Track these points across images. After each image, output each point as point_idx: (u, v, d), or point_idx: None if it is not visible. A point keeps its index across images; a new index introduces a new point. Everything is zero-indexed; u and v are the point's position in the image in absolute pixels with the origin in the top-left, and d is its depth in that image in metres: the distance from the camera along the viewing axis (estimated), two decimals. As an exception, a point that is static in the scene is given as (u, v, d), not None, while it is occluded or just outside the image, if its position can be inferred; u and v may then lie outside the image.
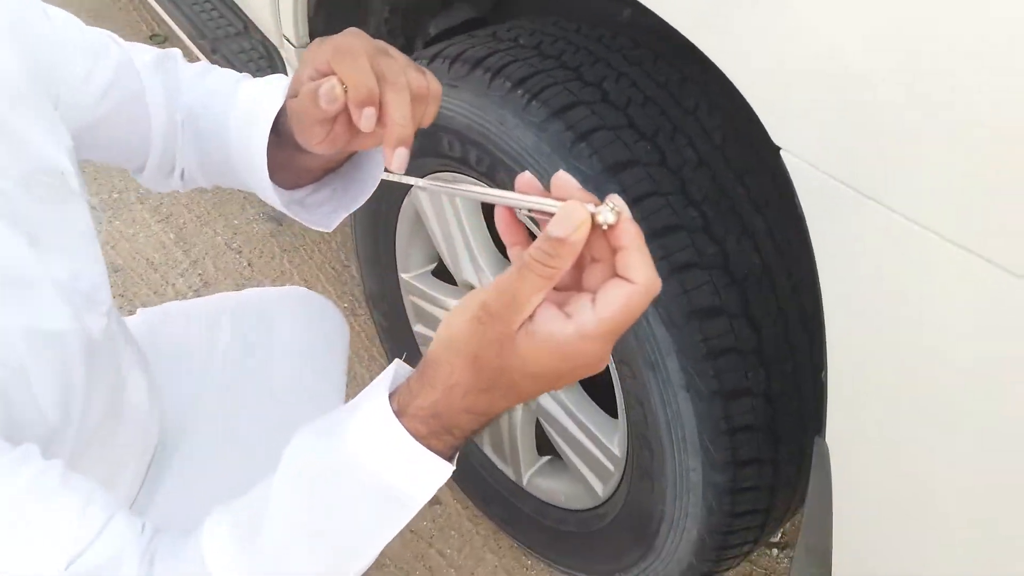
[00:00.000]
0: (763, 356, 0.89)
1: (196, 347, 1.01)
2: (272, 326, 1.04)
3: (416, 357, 1.47)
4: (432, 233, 1.26)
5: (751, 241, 0.90)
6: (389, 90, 0.59)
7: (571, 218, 0.45)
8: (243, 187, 0.86)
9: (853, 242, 0.62)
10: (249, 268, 1.88)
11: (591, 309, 0.46)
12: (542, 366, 0.48)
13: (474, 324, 0.48)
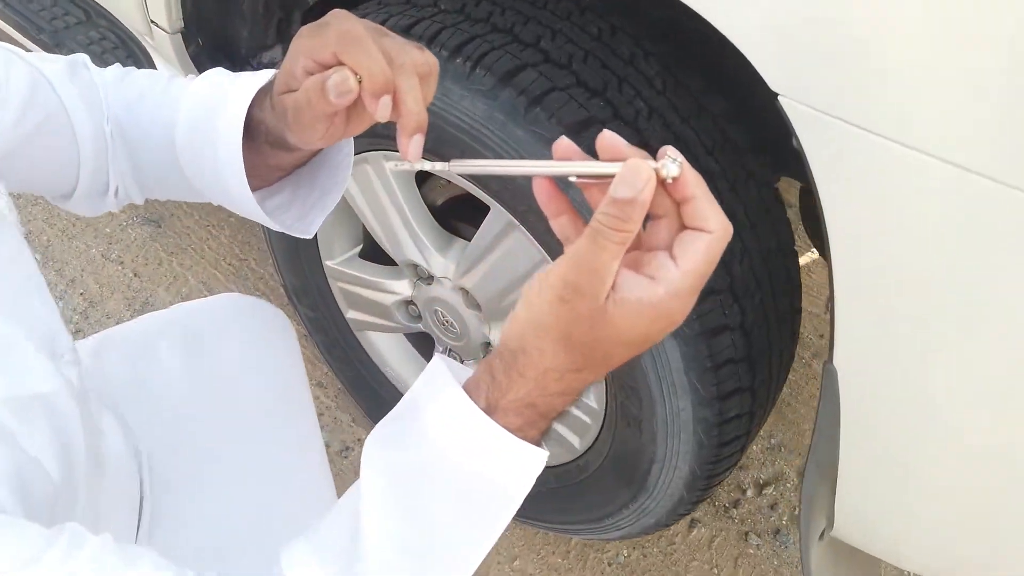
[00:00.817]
0: (735, 293, 0.93)
1: (145, 378, 0.92)
2: (217, 344, 0.97)
3: (348, 346, 1.42)
4: (361, 214, 1.21)
5: (710, 184, 0.93)
6: (400, 75, 0.56)
7: (637, 176, 0.44)
8: (192, 197, 0.78)
9: (854, 173, 0.65)
10: (136, 278, 1.73)
11: (673, 266, 0.46)
12: (636, 332, 0.47)
13: (559, 304, 0.46)
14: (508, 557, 1.42)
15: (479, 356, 1.23)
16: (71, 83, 0.71)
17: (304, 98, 0.58)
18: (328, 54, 0.56)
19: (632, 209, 0.44)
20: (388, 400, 1.44)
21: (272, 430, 0.94)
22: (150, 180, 0.78)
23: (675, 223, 0.47)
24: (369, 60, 0.55)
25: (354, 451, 1.52)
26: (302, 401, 1.00)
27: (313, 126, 0.60)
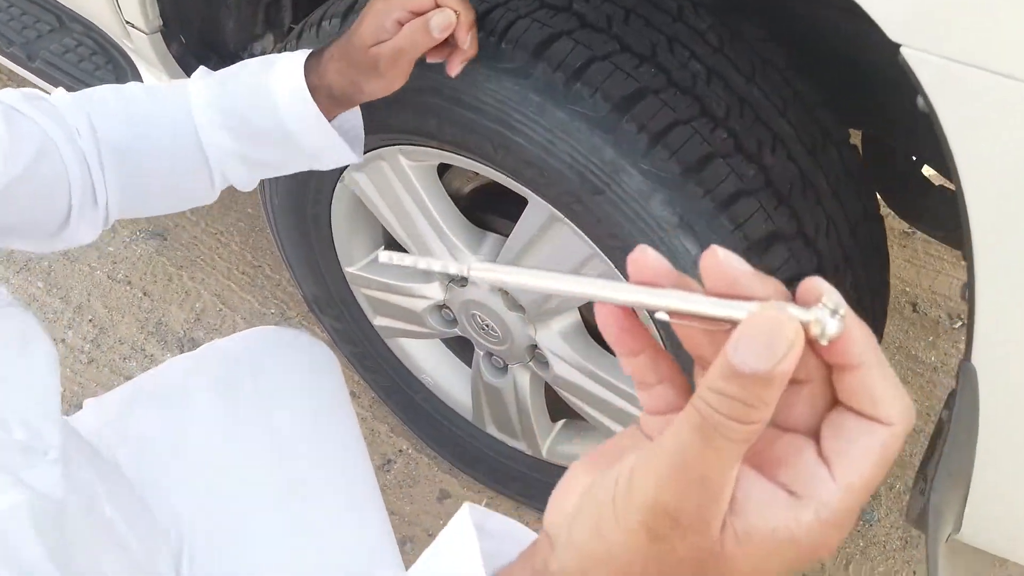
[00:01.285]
0: (824, 275, 0.80)
1: (182, 434, 0.82)
2: (257, 388, 0.86)
3: (379, 355, 1.31)
4: (382, 217, 1.09)
5: (784, 149, 0.79)
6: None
7: (776, 339, 0.27)
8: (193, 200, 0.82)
9: (1004, 137, 0.52)
10: (146, 298, 1.62)
11: (828, 476, 0.30)
12: (764, 573, 0.31)
13: (649, 541, 0.30)
14: (573, 565, 1.32)
15: (524, 359, 1.11)
16: (34, 108, 0.70)
17: (407, 41, 0.70)
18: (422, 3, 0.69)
19: (766, 390, 0.28)
20: (426, 409, 1.33)
21: (325, 483, 0.83)
22: (143, 191, 0.77)
23: (822, 394, 0.31)
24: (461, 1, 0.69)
25: (396, 464, 1.43)
26: (354, 445, 0.89)
27: (406, 67, 0.72)
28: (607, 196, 0.77)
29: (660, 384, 0.34)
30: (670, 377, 0.34)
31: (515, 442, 1.25)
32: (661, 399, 0.34)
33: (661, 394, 0.34)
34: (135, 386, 0.86)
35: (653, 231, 0.77)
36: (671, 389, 0.34)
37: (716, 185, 0.75)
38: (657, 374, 0.34)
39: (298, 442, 0.83)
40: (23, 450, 0.55)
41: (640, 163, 0.75)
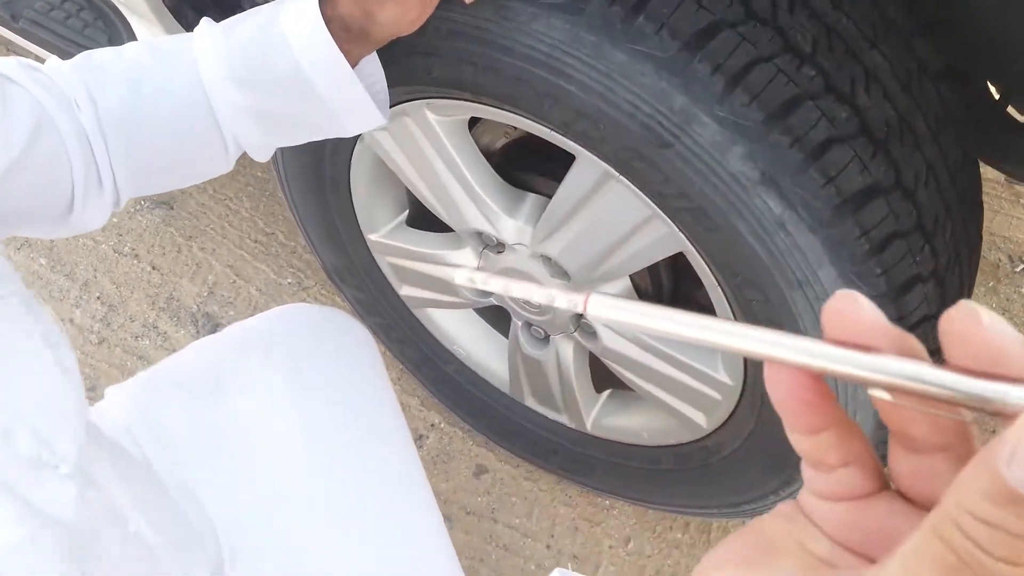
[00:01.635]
0: (925, 230, 0.70)
1: (213, 428, 0.74)
2: (292, 373, 0.78)
3: (407, 326, 1.22)
4: (404, 177, 0.99)
5: (879, 87, 0.68)
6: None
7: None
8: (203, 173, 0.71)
9: None
10: (155, 272, 1.54)
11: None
12: None
13: None
14: (621, 540, 1.25)
15: (568, 330, 1.02)
16: (29, 78, 0.61)
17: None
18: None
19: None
20: (458, 381, 1.25)
21: (372, 478, 0.76)
22: (152, 165, 0.66)
23: None
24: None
25: (428, 439, 1.35)
26: (398, 434, 0.82)
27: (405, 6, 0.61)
28: (676, 150, 0.67)
29: (844, 466, 0.26)
30: (860, 458, 0.26)
31: (557, 415, 1.17)
32: (842, 484, 0.26)
33: (843, 478, 0.26)
34: (158, 374, 0.78)
35: (730, 188, 0.67)
36: (859, 472, 0.26)
37: (805, 133, 0.64)
38: (842, 454, 0.26)
39: (340, 435, 0.75)
40: (31, 466, 0.49)
41: (716, 110, 0.64)
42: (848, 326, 0.23)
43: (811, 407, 0.25)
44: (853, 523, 0.25)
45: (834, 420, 0.25)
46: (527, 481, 1.30)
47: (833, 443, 0.26)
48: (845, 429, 0.26)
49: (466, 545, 1.26)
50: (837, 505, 0.26)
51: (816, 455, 0.26)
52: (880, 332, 0.23)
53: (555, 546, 1.25)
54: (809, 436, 0.26)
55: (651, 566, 1.23)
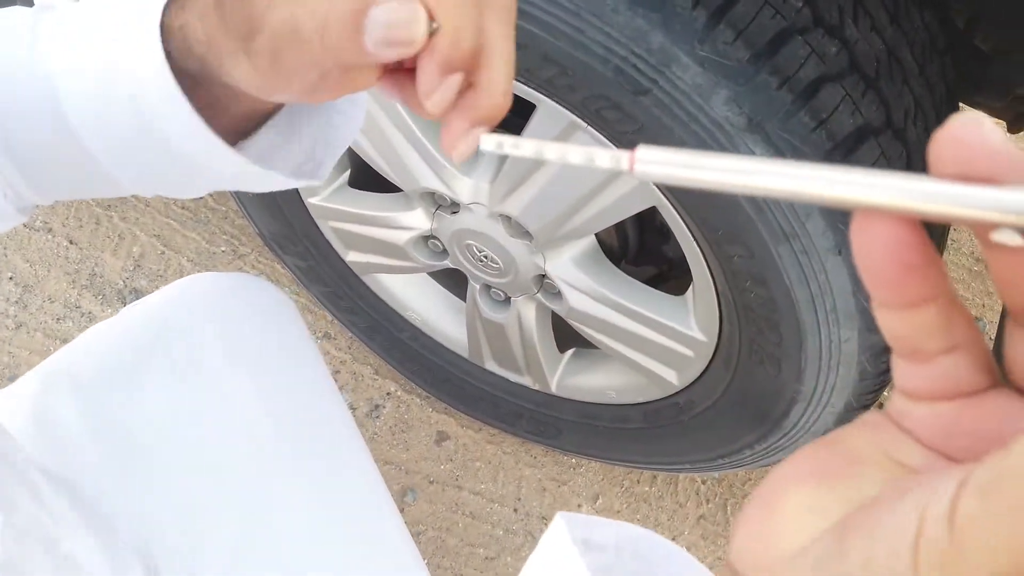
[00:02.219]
0: (914, 170, 0.66)
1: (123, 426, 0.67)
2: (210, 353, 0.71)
3: (355, 293, 1.15)
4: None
5: (868, 17, 0.63)
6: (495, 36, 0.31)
7: None
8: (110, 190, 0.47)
9: None
10: (74, 247, 1.41)
11: None
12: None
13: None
14: (589, 497, 1.22)
15: (531, 291, 0.96)
16: None
17: (312, 26, 0.30)
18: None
19: None
20: (414, 348, 1.19)
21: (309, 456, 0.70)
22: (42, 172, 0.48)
23: None
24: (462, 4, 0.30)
25: (385, 408, 1.29)
26: (333, 403, 0.75)
27: (299, 75, 0.32)
28: (654, 96, 0.61)
29: (947, 354, 0.21)
30: (967, 343, 0.21)
31: (519, 377, 1.12)
32: (944, 377, 0.21)
33: (946, 370, 0.21)
34: (49, 372, 0.69)
35: (713, 136, 0.61)
36: (965, 362, 0.21)
37: (794, 72, 0.59)
38: (947, 337, 0.21)
39: (270, 417, 0.69)
40: None
41: (698, 49, 0.58)
42: (970, 157, 0.18)
43: (916, 272, 0.19)
44: (957, 426, 0.21)
45: (940, 290, 0.20)
46: (490, 445, 1.26)
47: (937, 322, 0.20)
48: (951, 304, 0.20)
49: (431, 515, 1.21)
50: (937, 405, 0.21)
51: (914, 338, 0.20)
52: (1005, 161, 0.18)
53: (523, 509, 1.22)
54: (907, 312, 0.20)
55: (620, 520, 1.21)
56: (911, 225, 0.19)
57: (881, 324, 0.21)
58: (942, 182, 0.18)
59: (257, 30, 0.31)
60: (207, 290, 0.75)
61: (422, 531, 1.20)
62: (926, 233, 0.20)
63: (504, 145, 0.28)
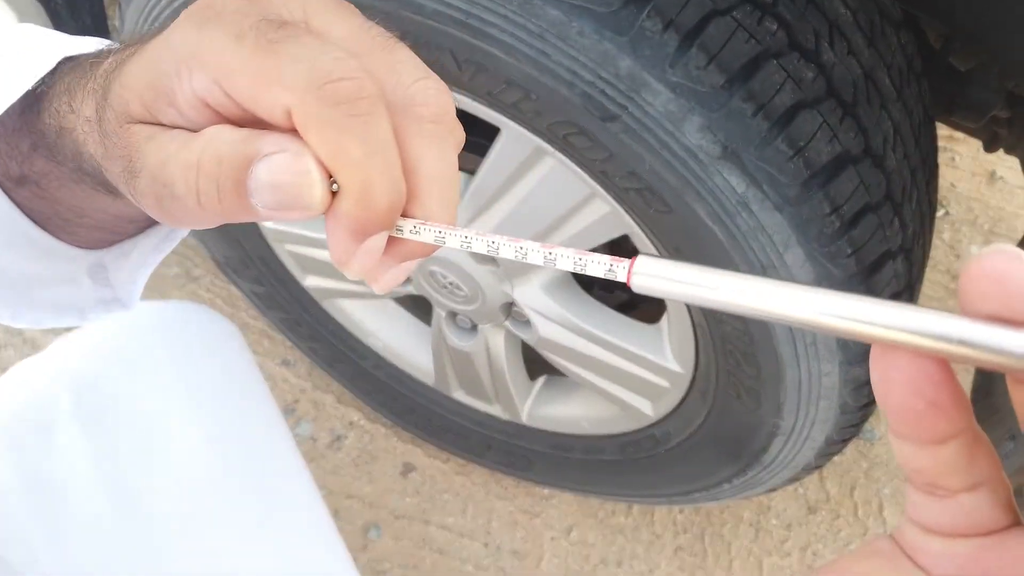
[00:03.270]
0: (894, 201, 0.63)
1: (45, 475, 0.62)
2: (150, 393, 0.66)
3: (315, 320, 1.10)
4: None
5: (844, 41, 0.60)
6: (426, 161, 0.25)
7: None
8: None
9: None
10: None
11: None
12: None
13: None
14: (562, 530, 1.18)
15: (499, 319, 0.92)
16: None
17: (183, 188, 0.25)
18: (278, 110, 0.23)
19: None
20: (378, 377, 1.14)
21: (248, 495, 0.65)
22: None
23: None
24: (368, 155, 0.23)
25: (347, 439, 1.24)
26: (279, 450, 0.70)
27: (189, 222, 0.26)
28: (623, 123, 0.57)
29: (968, 492, 0.20)
30: (989, 480, 0.20)
31: (488, 407, 1.08)
32: (964, 515, 0.20)
33: (966, 507, 0.20)
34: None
35: (686, 165, 0.58)
36: (987, 500, 0.20)
37: (770, 98, 0.56)
38: (970, 475, 0.20)
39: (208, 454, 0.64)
40: None
41: (668, 74, 0.55)
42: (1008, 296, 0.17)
43: (940, 409, 0.18)
44: (976, 566, 0.20)
45: (964, 427, 0.19)
46: (459, 476, 1.21)
47: (960, 458, 0.19)
48: (975, 440, 0.19)
49: (397, 552, 1.16)
50: (955, 543, 0.20)
51: (935, 473, 0.20)
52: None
53: (493, 543, 1.18)
54: (929, 448, 0.19)
55: (595, 554, 1.17)
56: (937, 361, 0.18)
57: (898, 455, 0.20)
58: (974, 322, 0.17)
59: (137, 171, 0.26)
60: (144, 318, 0.70)
61: (387, 569, 1.15)
62: (951, 369, 0.18)
63: (421, 232, 0.24)
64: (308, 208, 0.24)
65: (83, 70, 0.29)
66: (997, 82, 0.84)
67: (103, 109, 0.27)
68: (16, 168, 0.34)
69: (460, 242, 0.24)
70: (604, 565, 1.16)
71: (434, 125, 0.25)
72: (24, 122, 0.32)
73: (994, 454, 0.20)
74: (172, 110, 0.25)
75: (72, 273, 0.40)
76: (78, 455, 0.64)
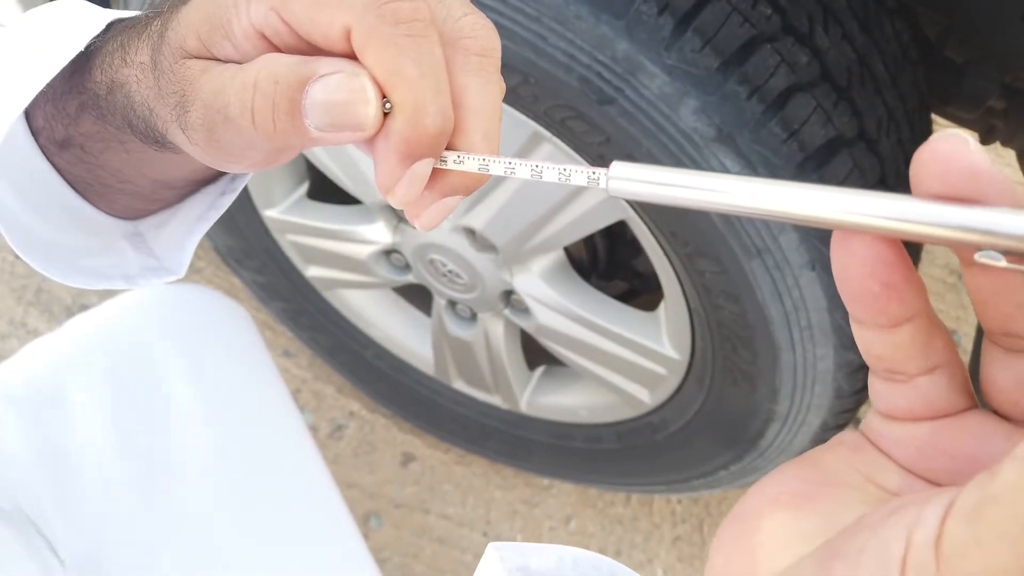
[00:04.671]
0: (888, 184, 0.64)
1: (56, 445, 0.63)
2: (150, 364, 0.68)
3: (316, 310, 1.11)
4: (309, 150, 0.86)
5: (838, 26, 0.61)
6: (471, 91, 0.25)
7: None
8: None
9: None
10: (19, 262, 1.35)
11: None
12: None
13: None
14: (561, 519, 1.19)
15: (498, 307, 0.93)
16: None
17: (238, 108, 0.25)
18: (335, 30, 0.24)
19: None
20: (378, 367, 1.15)
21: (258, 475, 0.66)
22: None
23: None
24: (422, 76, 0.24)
25: (348, 429, 1.25)
26: (287, 420, 0.71)
27: (241, 155, 0.27)
28: (619, 106, 0.58)
29: (926, 375, 0.20)
30: (945, 363, 0.21)
31: (488, 396, 1.08)
32: (923, 398, 0.21)
33: (924, 390, 0.21)
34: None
35: (682, 148, 0.59)
36: (944, 382, 0.20)
37: (764, 81, 0.56)
38: (926, 357, 0.20)
39: (217, 435, 0.65)
40: None
41: (664, 57, 0.55)
42: (953, 176, 0.18)
43: (895, 291, 0.19)
44: (935, 447, 0.21)
45: (919, 310, 0.20)
46: (459, 466, 1.22)
47: (916, 341, 0.20)
48: (931, 324, 0.20)
49: (397, 541, 1.17)
50: (914, 427, 0.21)
51: (893, 358, 0.20)
52: (989, 180, 0.18)
53: (492, 532, 1.18)
54: (886, 332, 0.20)
55: (594, 544, 1.18)
56: (891, 244, 0.19)
57: (859, 343, 0.21)
58: (923, 201, 0.18)
59: (190, 102, 0.26)
60: (155, 303, 0.71)
61: (387, 558, 1.15)
62: (906, 252, 0.19)
63: (465, 162, 0.25)
64: (360, 127, 0.24)
65: (139, 26, 0.30)
66: (993, 74, 0.85)
67: (158, 51, 0.28)
68: (62, 131, 0.35)
69: (504, 168, 0.25)
70: (603, 554, 1.17)
71: (481, 59, 0.25)
72: (73, 84, 0.33)
73: (950, 339, 0.21)
74: (227, 44, 0.26)
75: (110, 242, 0.40)
76: (92, 428, 0.65)
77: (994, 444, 0.20)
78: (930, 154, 0.18)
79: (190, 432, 0.66)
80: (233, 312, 0.74)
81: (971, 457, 0.20)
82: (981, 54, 0.83)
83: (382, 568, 1.14)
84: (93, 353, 0.67)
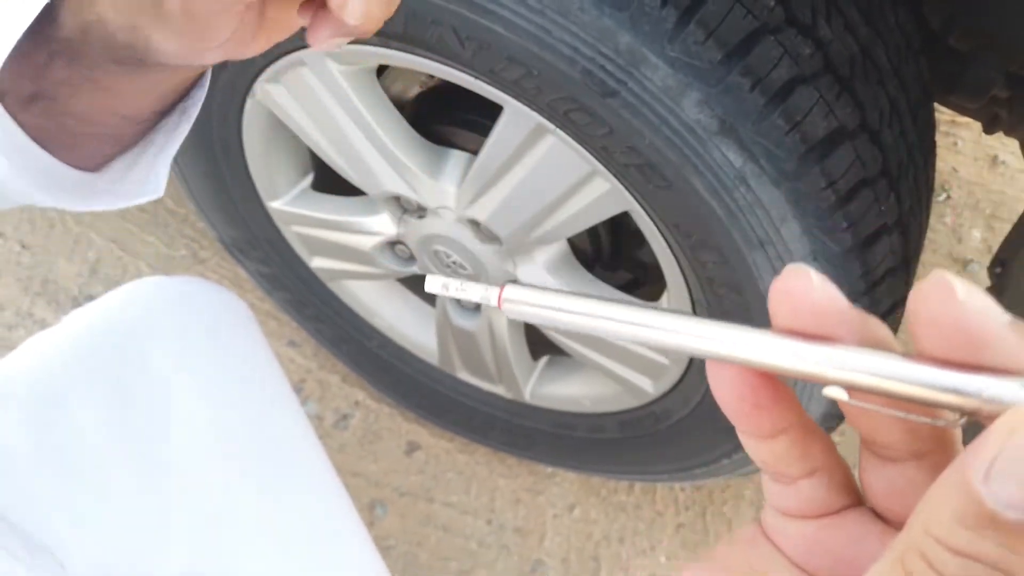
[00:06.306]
0: (890, 176, 0.64)
1: (59, 444, 0.63)
2: (150, 358, 0.67)
3: (321, 300, 1.11)
4: (307, 138, 0.87)
5: (840, 17, 0.61)
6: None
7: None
8: None
9: None
10: (26, 251, 1.36)
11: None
12: None
13: None
14: (565, 507, 1.20)
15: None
16: None
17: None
18: None
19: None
20: (383, 357, 1.15)
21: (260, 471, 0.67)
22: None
23: None
24: None
25: (353, 418, 1.25)
26: (288, 415, 0.72)
27: (217, 25, 0.32)
28: (622, 98, 0.58)
29: (807, 477, 0.22)
30: (825, 466, 0.22)
31: (492, 386, 1.09)
32: (806, 499, 0.22)
33: (807, 491, 0.22)
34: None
35: (685, 140, 0.59)
36: (824, 484, 0.22)
37: (767, 73, 0.57)
38: (805, 462, 0.22)
39: (218, 430, 0.65)
40: None
41: (667, 50, 0.56)
42: (798, 310, 0.19)
43: (764, 410, 0.21)
44: (820, 545, 0.22)
45: (792, 423, 0.21)
46: (463, 455, 1.23)
47: (792, 450, 0.22)
48: (805, 433, 0.22)
49: (402, 529, 1.18)
50: (802, 524, 0.22)
51: (776, 464, 0.22)
52: (836, 316, 0.19)
53: (496, 520, 1.19)
54: (765, 442, 0.21)
55: (597, 531, 1.19)
56: (754, 371, 0.20)
57: (746, 449, 0.22)
58: (778, 337, 0.19)
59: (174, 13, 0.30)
60: (155, 295, 0.72)
61: (392, 546, 1.17)
62: (770, 375, 0.20)
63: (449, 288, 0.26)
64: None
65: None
66: (998, 63, 0.85)
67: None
68: (29, 85, 0.35)
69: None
70: (606, 542, 1.18)
71: None
72: (39, 38, 0.33)
73: (829, 442, 0.22)
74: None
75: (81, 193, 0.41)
76: (91, 425, 0.65)
77: (869, 544, 0.21)
78: (782, 290, 0.19)
79: (189, 423, 0.66)
80: (232, 305, 0.75)
81: (849, 556, 0.21)
82: (985, 43, 0.83)
83: (387, 556, 1.15)
84: (92, 349, 0.67)
